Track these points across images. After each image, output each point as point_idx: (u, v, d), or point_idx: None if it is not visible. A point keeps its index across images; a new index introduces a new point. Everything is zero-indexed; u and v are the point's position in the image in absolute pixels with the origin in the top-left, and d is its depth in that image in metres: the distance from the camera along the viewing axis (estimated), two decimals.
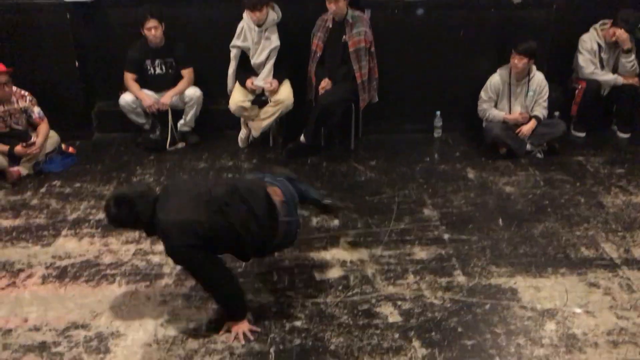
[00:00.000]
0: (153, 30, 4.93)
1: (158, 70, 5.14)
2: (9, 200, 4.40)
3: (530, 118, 5.01)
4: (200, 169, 4.86)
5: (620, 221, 4.06)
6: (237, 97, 5.01)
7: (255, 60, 4.97)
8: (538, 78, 5.03)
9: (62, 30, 5.10)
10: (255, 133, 5.12)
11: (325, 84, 4.86)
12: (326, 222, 4.07)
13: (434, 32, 5.20)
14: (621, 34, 5.10)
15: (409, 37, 5.20)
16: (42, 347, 2.96)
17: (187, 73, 5.17)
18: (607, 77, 5.24)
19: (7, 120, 4.73)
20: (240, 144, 5.25)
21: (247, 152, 5.19)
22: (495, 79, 5.03)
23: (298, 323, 3.11)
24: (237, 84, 5.07)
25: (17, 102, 4.75)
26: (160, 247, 3.77)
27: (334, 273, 3.52)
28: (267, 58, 4.95)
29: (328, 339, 2.99)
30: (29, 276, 3.52)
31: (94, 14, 5.24)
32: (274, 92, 4.97)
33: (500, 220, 4.09)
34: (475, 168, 4.86)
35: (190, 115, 5.21)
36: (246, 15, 4.85)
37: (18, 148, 4.65)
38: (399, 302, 3.26)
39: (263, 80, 4.96)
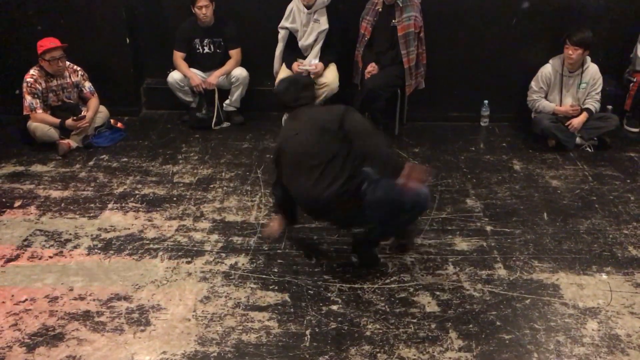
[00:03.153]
0: (204, 9, 4.96)
1: (207, 50, 5.19)
2: (59, 172, 4.54)
3: (581, 111, 4.86)
4: (244, 149, 4.90)
5: None
6: None
7: (303, 42, 4.97)
8: (592, 70, 4.87)
9: (114, 7, 5.20)
10: None
11: (372, 68, 4.81)
12: None
13: (486, 19, 5.08)
14: None
15: (459, 23, 5.10)
16: (86, 316, 3.06)
17: (235, 53, 5.20)
18: None
19: (59, 94, 4.87)
20: (284, 125, 5.26)
21: None
22: (547, 69, 4.89)
23: (334, 307, 3.12)
24: (284, 65, 5.07)
25: (70, 76, 4.88)
26: (202, 224, 3.84)
27: None
28: (315, 41, 4.94)
29: (364, 325, 2.99)
30: (76, 247, 3.63)
31: None
32: (319, 75, 4.96)
33: (545, 214, 4.00)
34: (522, 160, 4.75)
35: (236, 95, 5.25)
36: None
37: (69, 121, 4.78)
38: (437, 293, 3.23)
39: (309, 63, 4.95)
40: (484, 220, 3.92)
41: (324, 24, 4.88)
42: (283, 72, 5.05)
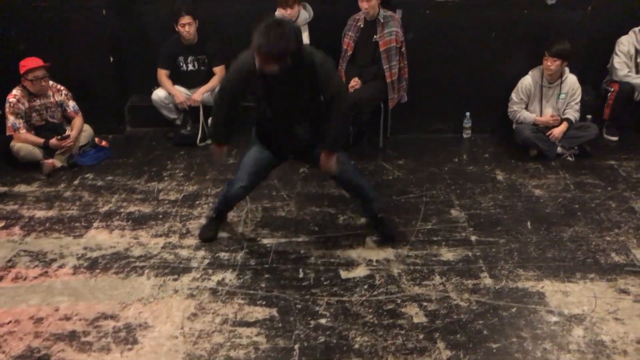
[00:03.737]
0: (187, 26, 4.99)
1: (190, 67, 5.22)
2: (43, 192, 4.51)
3: (561, 121, 4.94)
4: (229, 165, 4.91)
5: None
6: None
7: None
8: (571, 80, 4.96)
9: (97, 26, 5.21)
10: None
11: (355, 82, 4.86)
12: (353, 220, 4.08)
13: (466, 32, 5.15)
14: None
15: (440, 37, 5.17)
16: (72, 336, 3.03)
17: (219, 70, 5.23)
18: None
19: (43, 114, 4.85)
20: None
21: None
22: (527, 81, 4.98)
23: (323, 320, 3.12)
24: None
25: (53, 96, 4.87)
26: (188, 241, 3.83)
27: (360, 272, 3.53)
28: None
29: (352, 338, 3.00)
30: (61, 266, 3.61)
31: (130, 10, 5.35)
32: None
33: (529, 223, 4.04)
34: (505, 170, 4.81)
35: None
36: (278, 12, 4.88)
37: (53, 141, 4.77)
38: (425, 303, 3.25)
39: None
40: (468, 230, 3.96)
41: (305, 39, 4.92)
42: None
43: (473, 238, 3.87)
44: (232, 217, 4.12)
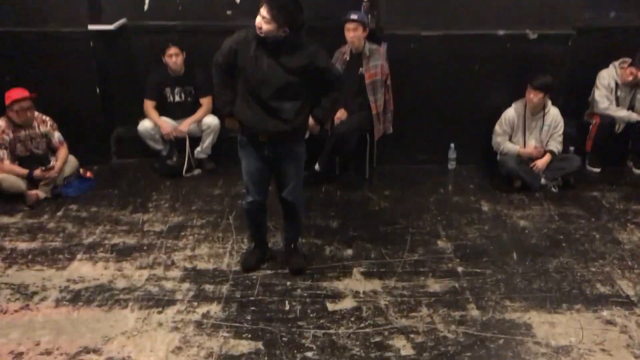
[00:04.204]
0: (174, 57, 5.03)
1: (177, 98, 5.23)
2: (26, 223, 4.46)
3: (545, 152, 5.01)
4: (215, 195, 4.90)
5: (637, 258, 4.01)
6: None
7: None
8: (553, 113, 5.04)
9: (85, 58, 5.22)
10: None
11: (341, 114, 4.90)
12: (339, 251, 4.07)
13: (450, 65, 5.23)
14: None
15: (424, 70, 5.24)
16: None
17: (205, 101, 5.25)
18: (621, 113, 5.23)
19: (27, 145, 4.82)
20: None
21: None
22: (510, 113, 5.05)
23: (309, 354, 3.09)
24: None
25: (39, 126, 4.85)
26: (173, 272, 3.79)
27: (347, 304, 3.50)
28: None
29: None
30: (43, 299, 3.54)
31: (117, 42, 5.37)
32: None
33: (515, 254, 4.06)
34: (490, 201, 4.85)
35: (207, 142, 5.28)
36: None
37: (37, 172, 4.73)
38: (412, 335, 3.23)
39: None
40: (455, 261, 3.97)
41: None
42: None
43: (460, 269, 3.87)
44: (217, 249, 4.09)
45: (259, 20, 3.19)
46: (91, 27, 5.06)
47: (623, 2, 5.50)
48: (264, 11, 3.16)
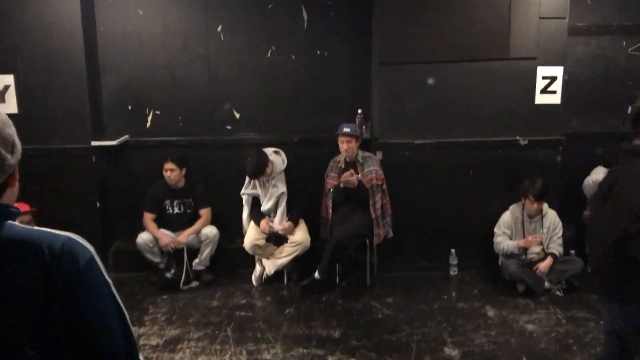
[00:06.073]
0: (169, 172, 5.12)
1: (176, 210, 5.27)
2: None
3: (546, 255, 4.98)
4: (213, 307, 4.78)
5: None
6: (252, 235, 5.07)
7: (263, 207, 5.11)
8: (551, 215, 5.07)
9: (87, 173, 5.30)
10: (269, 271, 5.10)
11: (350, 174, 4.86)
12: None
13: (445, 172, 5.32)
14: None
15: (420, 177, 5.32)
16: None
17: (205, 213, 5.28)
18: None
19: None
20: (254, 282, 5.22)
21: (260, 290, 5.13)
22: (507, 216, 5.09)
23: None
24: (252, 223, 5.16)
25: None
26: None
27: None
28: (276, 204, 5.08)
29: None
30: None
31: (118, 157, 5.51)
32: (290, 233, 5.04)
33: (525, 359, 3.90)
34: (495, 306, 4.74)
35: (205, 253, 5.24)
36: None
37: None
38: None
39: (277, 224, 5.06)
40: None
41: (281, 187, 5.05)
42: (252, 229, 5.13)
43: None
44: None
45: None
46: (94, 143, 5.20)
47: (605, 110, 5.72)
48: None
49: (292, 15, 5.41)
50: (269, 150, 5.06)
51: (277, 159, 5.07)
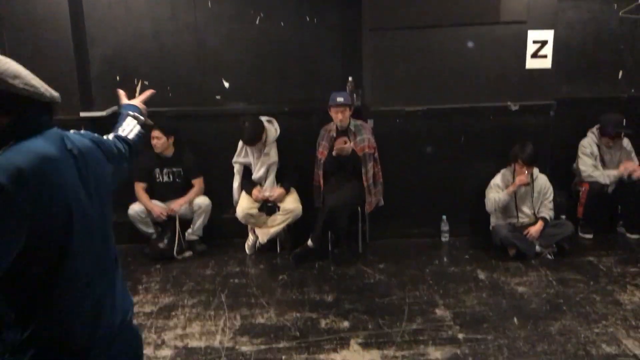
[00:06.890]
0: (155, 139, 5.10)
1: (166, 179, 5.26)
2: None
3: (537, 219, 5.01)
4: (207, 275, 4.80)
5: None
6: (245, 205, 5.07)
7: (255, 175, 5.10)
8: (542, 180, 5.09)
9: None
10: (262, 239, 5.11)
11: (344, 141, 4.86)
12: (335, 324, 3.94)
13: (436, 139, 5.32)
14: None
15: (411, 144, 5.32)
16: None
17: (197, 182, 5.28)
18: (605, 175, 5.27)
19: None
20: (247, 250, 5.24)
21: (254, 259, 5.15)
22: (498, 179, 5.11)
23: None
24: (244, 193, 5.15)
25: None
26: (163, 351, 3.64)
27: None
28: (267, 172, 5.08)
29: None
30: None
31: (108, 128, 5.41)
32: (281, 200, 5.04)
33: (515, 319, 3.95)
34: (486, 270, 4.78)
35: (198, 223, 5.24)
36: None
37: None
38: None
39: (268, 189, 5.06)
40: (455, 328, 3.84)
41: (273, 156, 5.05)
42: (244, 199, 5.12)
43: (460, 336, 3.75)
44: (209, 326, 3.96)
45: None
46: (83, 114, 5.15)
47: (595, 75, 5.71)
48: None
49: None
50: (263, 119, 5.04)
51: (270, 127, 5.05)
